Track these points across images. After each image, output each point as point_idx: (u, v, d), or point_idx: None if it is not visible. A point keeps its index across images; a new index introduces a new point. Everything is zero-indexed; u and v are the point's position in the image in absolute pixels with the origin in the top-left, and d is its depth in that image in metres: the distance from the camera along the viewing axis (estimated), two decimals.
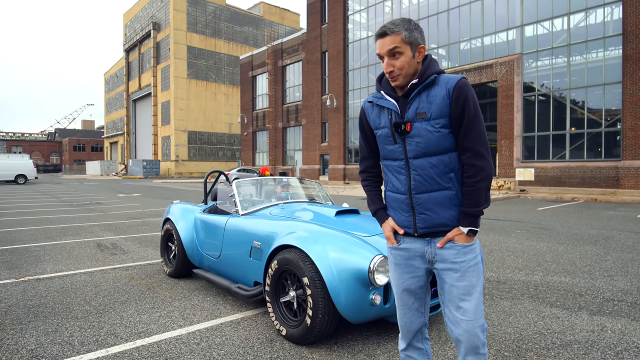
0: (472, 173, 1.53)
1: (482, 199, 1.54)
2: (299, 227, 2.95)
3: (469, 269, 1.57)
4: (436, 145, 1.54)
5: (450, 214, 1.57)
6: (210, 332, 2.91)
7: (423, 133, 1.54)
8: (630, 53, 14.65)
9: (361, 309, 2.53)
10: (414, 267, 1.67)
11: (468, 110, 1.51)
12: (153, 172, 45.09)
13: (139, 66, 55.53)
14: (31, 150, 77.98)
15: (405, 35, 1.53)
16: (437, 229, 1.59)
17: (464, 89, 1.51)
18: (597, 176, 15.52)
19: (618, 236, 6.87)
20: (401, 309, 1.74)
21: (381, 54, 1.56)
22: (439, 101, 1.52)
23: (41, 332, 2.90)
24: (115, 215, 10.20)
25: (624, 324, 3.03)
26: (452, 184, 1.56)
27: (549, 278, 4.31)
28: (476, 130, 1.52)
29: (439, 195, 1.57)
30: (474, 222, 1.55)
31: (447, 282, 1.60)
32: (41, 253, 5.60)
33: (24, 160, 29.75)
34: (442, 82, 1.54)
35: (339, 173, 26.45)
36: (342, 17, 26.25)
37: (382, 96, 1.64)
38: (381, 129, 1.66)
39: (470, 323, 1.56)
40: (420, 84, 1.55)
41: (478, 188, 1.53)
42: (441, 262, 1.60)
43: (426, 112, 1.54)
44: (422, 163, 1.56)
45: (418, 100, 1.56)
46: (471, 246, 1.58)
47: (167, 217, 4.58)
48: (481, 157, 1.52)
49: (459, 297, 1.57)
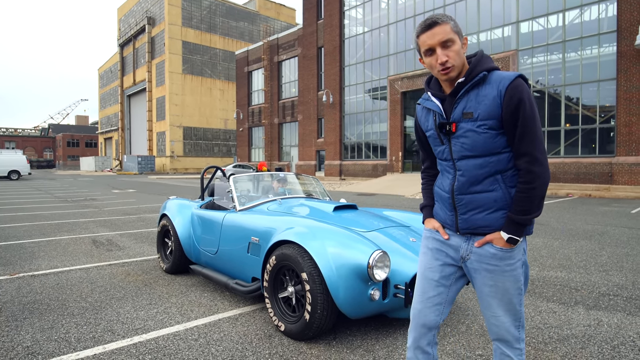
0: (528, 179, 1.43)
1: (534, 207, 1.44)
2: (297, 223, 2.94)
3: (504, 274, 1.51)
4: (482, 146, 1.46)
5: (494, 216, 1.50)
6: (208, 328, 2.90)
7: (469, 134, 1.47)
8: (625, 50, 14.73)
9: (360, 305, 2.53)
10: (445, 254, 1.63)
11: (523, 112, 1.40)
12: (148, 168, 44.84)
13: (134, 61, 55.05)
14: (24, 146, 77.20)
15: (453, 25, 1.45)
16: (478, 230, 1.54)
17: (519, 89, 1.40)
18: (592, 172, 15.64)
19: (612, 231, 6.93)
20: (418, 297, 1.67)
21: (432, 45, 1.45)
22: (489, 102, 1.43)
23: (37, 329, 2.87)
24: (111, 211, 10.13)
25: (620, 319, 3.06)
26: (497, 185, 1.48)
27: (545, 273, 4.34)
28: (533, 134, 1.42)
29: (483, 197, 1.50)
30: (517, 230, 1.45)
31: (478, 281, 1.57)
32: (36, 249, 5.55)
33: (17, 156, 29.45)
34: (494, 80, 1.44)
35: (335, 169, 26.45)
36: (338, 12, 26.14)
37: (429, 97, 1.59)
38: (429, 131, 1.62)
39: (499, 319, 1.55)
40: (468, 82, 1.47)
41: (532, 196, 1.43)
42: (475, 262, 1.55)
43: (473, 112, 1.46)
44: (467, 164, 1.50)
45: (466, 99, 1.47)
46: (510, 252, 1.50)
47: (163, 213, 4.55)
48: (538, 163, 1.42)
49: (486, 294, 1.55)
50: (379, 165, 23.90)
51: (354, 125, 25.78)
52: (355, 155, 25.86)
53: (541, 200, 1.45)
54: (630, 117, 14.71)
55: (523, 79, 1.44)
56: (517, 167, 1.47)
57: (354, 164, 25.53)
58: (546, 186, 1.45)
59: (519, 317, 1.56)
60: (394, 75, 22.66)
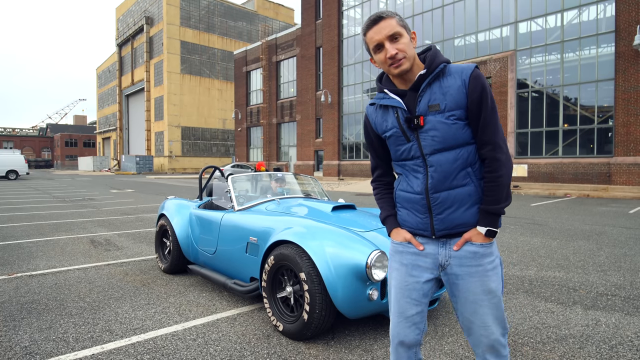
0: (495, 167, 1.42)
1: (504, 195, 1.43)
2: (296, 223, 2.94)
3: (487, 273, 1.46)
4: (453, 138, 1.44)
5: (470, 212, 1.46)
6: (206, 328, 2.90)
7: (438, 126, 1.43)
8: (623, 50, 14.77)
9: (358, 304, 2.53)
10: (422, 269, 1.53)
11: (486, 101, 1.42)
12: (146, 167, 44.76)
13: (132, 61, 54.95)
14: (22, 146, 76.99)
15: (398, 19, 1.45)
16: (456, 230, 1.47)
17: (481, 79, 1.42)
18: (590, 172, 15.68)
19: (610, 231, 6.95)
20: (396, 318, 1.57)
21: (380, 40, 1.43)
22: (454, 92, 1.42)
23: (35, 329, 2.87)
24: (109, 211, 10.11)
25: (618, 318, 3.07)
26: (469, 179, 1.46)
27: (543, 273, 4.35)
28: (495, 122, 1.43)
29: (458, 192, 1.45)
30: (494, 220, 1.44)
31: (461, 287, 1.48)
32: (34, 249, 5.53)
33: (15, 156, 29.37)
34: (455, 71, 1.44)
35: (333, 169, 26.45)
36: (336, 12, 26.14)
37: (386, 95, 1.52)
38: (389, 130, 1.53)
39: (489, 329, 1.46)
40: (429, 74, 1.44)
41: (500, 183, 1.42)
42: (456, 267, 1.48)
43: (440, 103, 1.43)
44: (440, 159, 1.45)
45: (430, 91, 1.45)
46: (489, 248, 1.47)
47: (161, 213, 4.54)
48: (502, 150, 1.43)
49: (475, 301, 1.46)
50: None
51: (353, 126, 25.78)
52: (353, 155, 25.86)
53: (509, 189, 1.46)
54: (628, 117, 14.75)
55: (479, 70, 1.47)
56: (482, 157, 1.45)
57: (352, 164, 25.54)
58: (510, 173, 1.45)
59: (504, 323, 1.50)
60: None
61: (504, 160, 1.43)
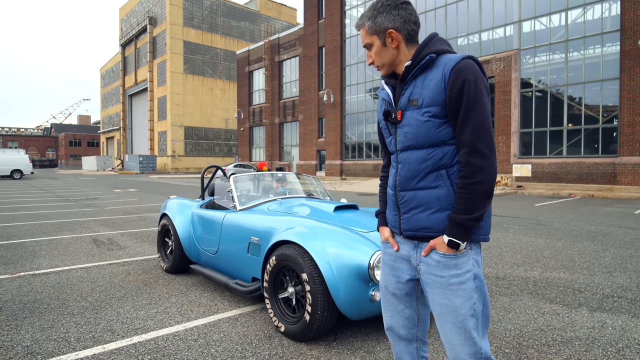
0: (467, 173, 1.28)
1: (477, 206, 1.27)
2: (298, 223, 2.92)
3: (451, 287, 1.33)
4: (424, 136, 1.34)
5: (436, 217, 1.35)
6: (207, 328, 2.88)
7: (412, 122, 1.36)
8: (628, 49, 14.66)
9: (361, 306, 2.50)
10: (400, 270, 1.50)
11: (467, 97, 1.26)
12: (149, 167, 44.90)
13: (135, 61, 55.13)
14: (27, 145, 77.44)
15: (369, 26, 1.41)
16: (421, 233, 1.38)
17: (464, 71, 1.27)
18: (594, 172, 15.57)
19: (616, 232, 6.88)
20: (387, 313, 1.56)
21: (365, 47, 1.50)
22: (433, 86, 1.31)
23: (37, 328, 2.86)
24: (112, 210, 10.13)
25: (625, 321, 3.02)
26: (442, 181, 1.34)
27: (547, 274, 4.31)
28: (474, 121, 1.26)
29: (425, 194, 1.36)
30: (460, 232, 1.29)
31: (429, 296, 1.41)
32: (37, 248, 5.54)
33: (20, 155, 29.55)
34: (441, 63, 1.32)
35: (335, 169, 26.41)
36: (339, 12, 26.10)
37: (383, 86, 1.51)
38: (380, 122, 1.53)
39: (453, 348, 1.35)
40: (414, 66, 1.35)
41: (472, 191, 1.26)
42: (424, 273, 1.41)
43: (418, 98, 1.34)
44: (408, 156, 1.39)
45: (413, 85, 1.37)
46: (455, 260, 1.32)
47: (163, 213, 4.53)
48: (479, 154, 1.26)
49: (438, 314, 1.37)
50: (380, 165, 23.85)
51: (355, 125, 25.74)
52: (356, 155, 25.82)
53: (485, 199, 1.27)
54: (633, 117, 14.64)
55: (473, 60, 1.31)
56: (459, 160, 1.31)
57: (354, 164, 25.50)
58: (490, 183, 1.27)
59: (478, 348, 1.32)
60: None
61: (480, 166, 1.26)
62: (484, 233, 1.36)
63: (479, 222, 1.31)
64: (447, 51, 1.37)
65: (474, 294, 1.34)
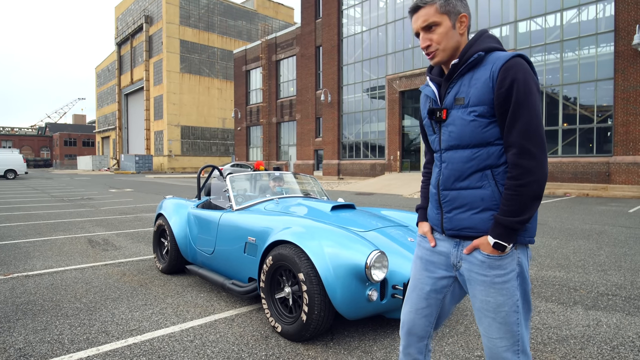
0: (516, 174, 1.25)
1: (524, 208, 1.25)
2: (294, 223, 2.91)
3: (494, 286, 1.34)
4: (470, 136, 1.32)
5: (480, 217, 1.34)
6: (203, 329, 2.87)
7: (457, 121, 1.35)
8: (622, 49, 14.75)
9: (358, 305, 2.50)
10: (435, 265, 1.50)
11: (516, 96, 1.24)
12: (145, 167, 44.71)
13: (131, 60, 54.85)
14: (21, 145, 76.88)
15: (441, 4, 1.33)
16: (464, 233, 1.38)
17: (513, 70, 1.24)
18: (589, 171, 15.66)
19: (610, 231, 6.93)
20: (407, 307, 1.57)
21: (416, 30, 1.38)
22: (480, 85, 1.29)
23: (30, 330, 2.83)
24: (107, 210, 10.07)
25: (619, 319, 3.04)
26: (487, 182, 1.33)
27: (543, 273, 4.32)
28: (524, 122, 1.24)
29: (469, 194, 1.35)
30: (505, 234, 1.27)
31: (470, 291, 1.42)
32: (31, 249, 5.49)
33: (14, 155, 29.32)
34: (490, 61, 1.30)
35: (333, 168, 26.41)
36: (336, 11, 26.09)
37: (427, 83, 1.48)
38: (424, 119, 1.51)
39: (493, 341, 1.37)
40: (462, 63, 1.33)
41: (520, 193, 1.25)
42: (465, 270, 1.41)
43: (464, 97, 1.32)
44: (452, 156, 1.38)
45: (460, 83, 1.35)
46: (500, 261, 1.32)
47: (159, 213, 4.51)
48: (529, 155, 1.24)
49: (479, 309, 1.39)
50: (377, 164, 23.89)
51: (352, 125, 25.75)
52: (353, 154, 25.83)
53: (533, 201, 1.26)
54: (627, 116, 14.73)
55: (523, 59, 1.28)
56: (507, 161, 1.29)
57: (352, 164, 25.51)
58: (540, 185, 1.25)
59: (517, 339, 1.35)
60: (392, 75, 22.63)
61: (528, 167, 1.24)
62: (529, 235, 1.34)
63: (525, 224, 1.29)
64: (497, 49, 1.34)
65: (517, 291, 1.34)
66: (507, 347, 1.35)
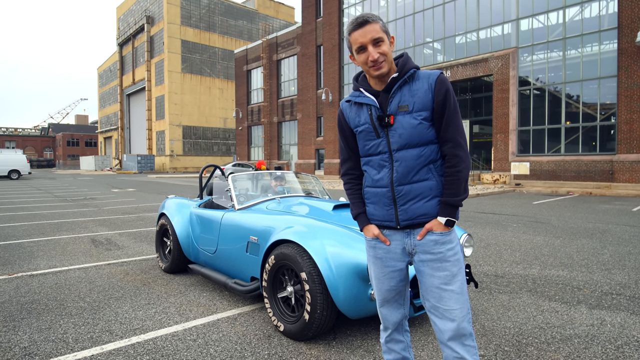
0: (454, 162, 1.57)
1: (462, 189, 1.58)
2: (297, 222, 2.91)
3: (449, 259, 1.59)
4: (418, 137, 1.58)
5: (430, 204, 1.61)
6: (206, 328, 2.87)
7: (405, 125, 1.58)
8: (626, 47, 14.67)
9: (360, 304, 2.50)
10: (394, 260, 1.69)
11: (449, 103, 1.57)
12: (147, 167, 44.80)
13: (133, 60, 54.95)
14: (24, 146, 77.14)
15: (382, 24, 1.57)
16: (418, 220, 1.61)
17: (445, 83, 1.58)
18: (592, 170, 15.60)
19: (614, 230, 6.90)
20: (381, 302, 1.77)
21: (364, 43, 1.56)
22: (422, 94, 1.58)
23: (34, 329, 2.85)
24: (110, 210, 10.10)
25: (623, 318, 3.03)
26: (431, 174, 1.60)
27: (546, 272, 4.31)
28: (456, 122, 1.58)
29: (421, 186, 1.60)
30: (452, 212, 1.58)
31: (426, 273, 1.62)
32: (35, 249, 5.52)
33: (17, 156, 29.44)
34: (423, 76, 1.60)
35: (334, 167, 26.40)
36: (337, 10, 26.06)
37: (361, 93, 1.67)
38: (361, 126, 1.67)
39: (453, 313, 1.56)
40: (400, 77, 1.60)
41: (459, 178, 1.57)
42: (421, 254, 1.63)
43: (408, 104, 1.58)
44: (404, 155, 1.60)
45: (400, 94, 1.60)
46: (449, 236, 1.61)
47: (162, 212, 4.52)
48: (461, 147, 1.57)
49: (439, 286, 1.58)
50: None
51: None
52: None
53: (466, 183, 1.60)
54: (631, 114, 14.66)
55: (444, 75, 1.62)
56: (443, 153, 1.60)
57: None
58: (469, 170, 1.59)
59: (468, 307, 1.60)
60: None
61: (462, 157, 1.57)
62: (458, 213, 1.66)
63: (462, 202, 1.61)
64: (418, 67, 1.66)
65: (461, 263, 1.63)
66: (464, 316, 1.57)
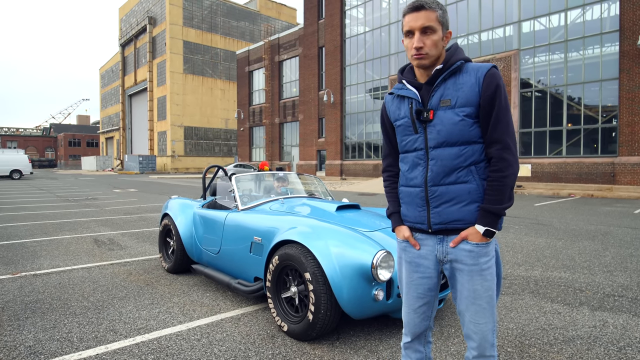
0: (501, 167, 1.42)
1: (506, 196, 1.43)
2: (300, 222, 2.92)
3: (482, 272, 1.47)
4: (458, 134, 1.45)
5: (468, 209, 1.47)
6: (210, 328, 2.89)
7: (445, 121, 1.46)
8: (627, 49, 14.68)
9: (364, 305, 2.51)
10: (424, 266, 1.59)
11: (499, 100, 1.43)
12: (149, 167, 44.86)
13: (135, 61, 55.08)
14: (26, 146, 77.34)
15: (440, 14, 1.45)
16: (452, 225, 1.49)
17: (495, 77, 1.43)
18: (594, 172, 15.59)
19: (616, 232, 6.90)
20: (406, 309, 1.67)
21: (412, 29, 1.45)
22: (467, 89, 1.44)
23: (39, 328, 2.86)
24: (112, 210, 10.12)
25: (626, 320, 3.03)
26: (472, 177, 1.46)
27: (548, 273, 4.32)
28: (506, 122, 1.43)
29: (457, 188, 1.47)
30: (493, 221, 1.43)
31: (458, 282, 1.53)
32: (38, 249, 5.54)
33: (19, 156, 29.50)
34: (472, 69, 1.46)
35: (335, 169, 26.42)
36: (339, 12, 26.11)
37: (404, 86, 1.57)
38: (401, 120, 1.58)
39: (479, 326, 1.50)
40: (445, 69, 1.47)
41: (504, 184, 1.42)
42: (453, 262, 1.52)
43: (451, 99, 1.45)
44: (441, 153, 1.48)
45: (443, 87, 1.48)
46: (486, 248, 1.47)
47: (165, 212, 4.54)
48: (510, 151, 1.43)
49: (467, 297, 1.50)
50: (380, 165, 23.86)
51: (355, 125, 25.75)
52: (356, 155, 25.83)
53: (512, 190, 1.45)
54: (632, 116, 14.66)
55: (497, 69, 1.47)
56: (489, 155, 1.46)
57: (354, 164, 25.51)
58: (516, 176, 1.44)
59: (495, 320, 1.53)
60: (395, 75, 22.62)
61: (511, 161, 1.42)
62: (502, 222, 1.51)
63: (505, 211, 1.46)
64: (470, 59, 1.52)
65: (495, 275, 1.52)
66: (490, 329, 1.50)
